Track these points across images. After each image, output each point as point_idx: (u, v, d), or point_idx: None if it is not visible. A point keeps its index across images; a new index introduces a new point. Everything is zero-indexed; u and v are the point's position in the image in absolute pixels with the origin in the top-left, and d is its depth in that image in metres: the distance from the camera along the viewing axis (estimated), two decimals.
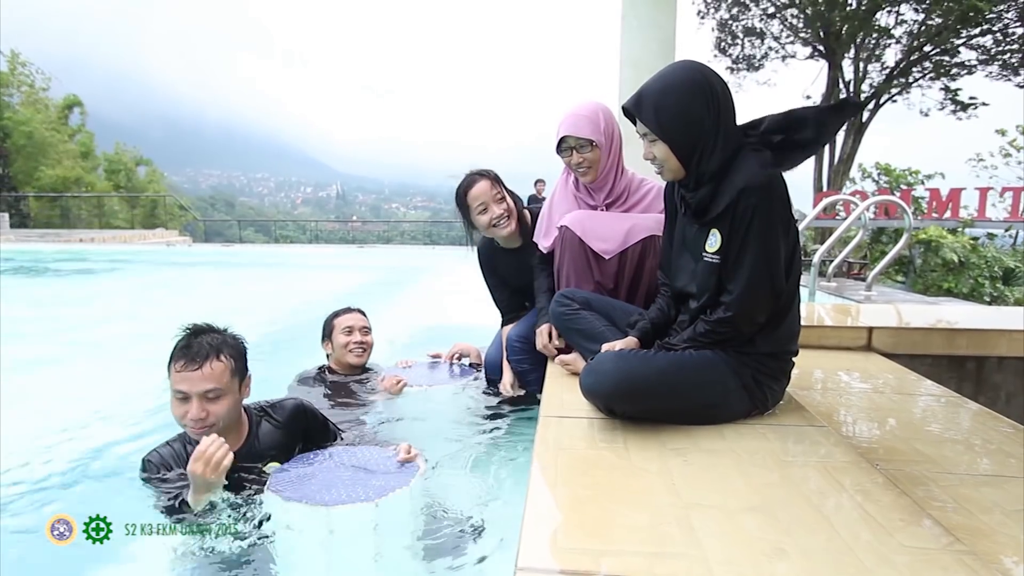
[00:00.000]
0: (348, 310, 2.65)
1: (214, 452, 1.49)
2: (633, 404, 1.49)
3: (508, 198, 2.40)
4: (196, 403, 1.58)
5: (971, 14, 12.78)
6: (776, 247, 1.46)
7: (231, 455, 1.52)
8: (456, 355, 2.88)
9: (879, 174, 13.45)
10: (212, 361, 1.60)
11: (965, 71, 14.49)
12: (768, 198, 1.43)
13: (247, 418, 1.78)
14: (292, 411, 1.86)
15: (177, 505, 1.54)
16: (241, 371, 1.70)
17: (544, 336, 2.16)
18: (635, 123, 1.57)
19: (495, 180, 2.38)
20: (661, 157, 1.54)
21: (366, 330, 2.63)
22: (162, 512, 1.56)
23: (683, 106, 1.47)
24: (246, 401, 1.78)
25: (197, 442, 1.56)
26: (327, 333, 2.62)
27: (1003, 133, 14.55)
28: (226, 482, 1.56)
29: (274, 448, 1.77)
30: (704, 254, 1.54)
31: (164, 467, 1.66)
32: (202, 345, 1.62)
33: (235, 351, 1.69)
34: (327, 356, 2.65)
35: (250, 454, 1.71)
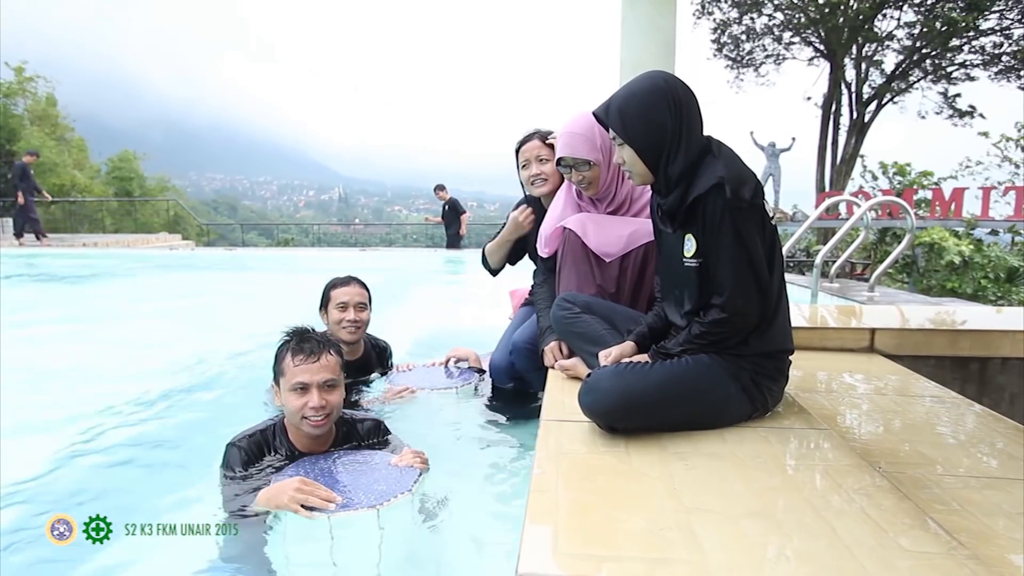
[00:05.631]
0: (347, 281, 2.53)
1: (321, 496, 1.52)
2: (634, 420, 1.48)
3: (551, 164, 2.40)
4: (316, 392, 1.70)
5: (949, 28, 12.86)
6: (753, 244, 1.48)
7: (331, 508, 1.52)
8: (454, 359, 2.87)
9: (893, 173, 13.42)
10: (327, 354, 1.75)
11: (964, 74, 14.46)
12: (735, 196, 1.45)
13: (334, 427, 1.84)
14: (372, 429, 1.95)
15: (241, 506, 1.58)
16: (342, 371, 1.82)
17: (550, 357, 2.06)
18: (607, 129, 1.64)
19: (544, 142, 2.43)
20: (629, 161, 1.60)
21: (361, 306, 2.50)
22: (229, 501, 1.62)
23: (645, 111, 1.53)
24: None
25: (279, 440, 1.74)
26: (324, 303, 2.53)
27: (986, 135, 14.58)
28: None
29: None
30: (684, 259, 1.56)
31: (250, 456, 1.72)
32: (315, 341, 1.76)
33: (338, 351, 1.82)
34: (326, 326, 2.53)
35: None
